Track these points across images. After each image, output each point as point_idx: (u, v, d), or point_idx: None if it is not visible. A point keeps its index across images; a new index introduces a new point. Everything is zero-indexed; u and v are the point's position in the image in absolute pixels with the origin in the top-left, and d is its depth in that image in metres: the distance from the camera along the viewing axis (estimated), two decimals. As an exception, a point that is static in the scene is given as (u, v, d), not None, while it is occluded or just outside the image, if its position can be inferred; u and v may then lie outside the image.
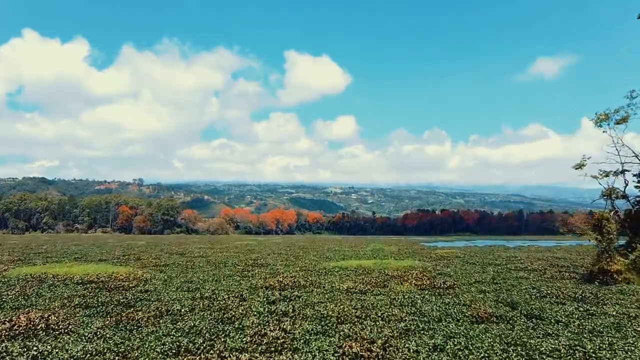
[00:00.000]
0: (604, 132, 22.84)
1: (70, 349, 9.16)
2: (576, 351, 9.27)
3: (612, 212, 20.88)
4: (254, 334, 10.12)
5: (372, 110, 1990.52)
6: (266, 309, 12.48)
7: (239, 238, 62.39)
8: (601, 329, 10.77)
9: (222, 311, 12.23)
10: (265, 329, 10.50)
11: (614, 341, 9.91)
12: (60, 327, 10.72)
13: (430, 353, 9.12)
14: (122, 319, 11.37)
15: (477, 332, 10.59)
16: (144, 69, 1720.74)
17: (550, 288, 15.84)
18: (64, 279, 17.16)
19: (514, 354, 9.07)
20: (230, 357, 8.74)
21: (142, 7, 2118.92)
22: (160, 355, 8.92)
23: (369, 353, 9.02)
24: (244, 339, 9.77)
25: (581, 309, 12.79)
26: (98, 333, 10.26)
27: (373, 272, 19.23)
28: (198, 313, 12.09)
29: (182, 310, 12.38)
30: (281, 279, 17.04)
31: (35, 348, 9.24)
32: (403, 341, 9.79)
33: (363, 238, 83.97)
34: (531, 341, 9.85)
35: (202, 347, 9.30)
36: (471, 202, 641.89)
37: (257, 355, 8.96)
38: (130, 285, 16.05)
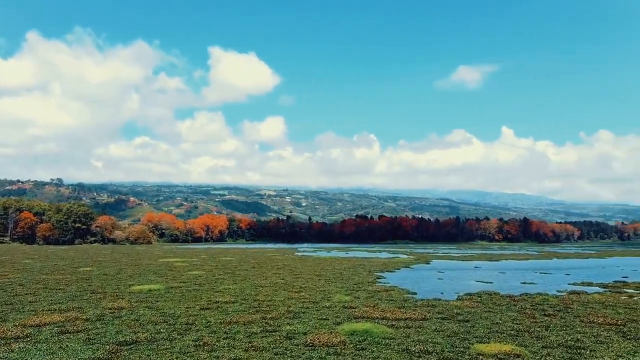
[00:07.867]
0: None
1: None
2: None
3: None
4: None
5: (301, 112, 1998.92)
6: None
7: (146, 264, 51.29)
8: None
9: None
10: None
11: None
12: None
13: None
14: None
15: None
16: (53, 60, 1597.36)
17: None
18: None
19: None
20: None
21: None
22: None
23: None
24: None
25: None
26: None
27: None
28: None
29: None
30: None
31: None
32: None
33: (309, 256, 74.68)
34: None
35: None
36: (402, 205, 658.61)
37: None
38: None
